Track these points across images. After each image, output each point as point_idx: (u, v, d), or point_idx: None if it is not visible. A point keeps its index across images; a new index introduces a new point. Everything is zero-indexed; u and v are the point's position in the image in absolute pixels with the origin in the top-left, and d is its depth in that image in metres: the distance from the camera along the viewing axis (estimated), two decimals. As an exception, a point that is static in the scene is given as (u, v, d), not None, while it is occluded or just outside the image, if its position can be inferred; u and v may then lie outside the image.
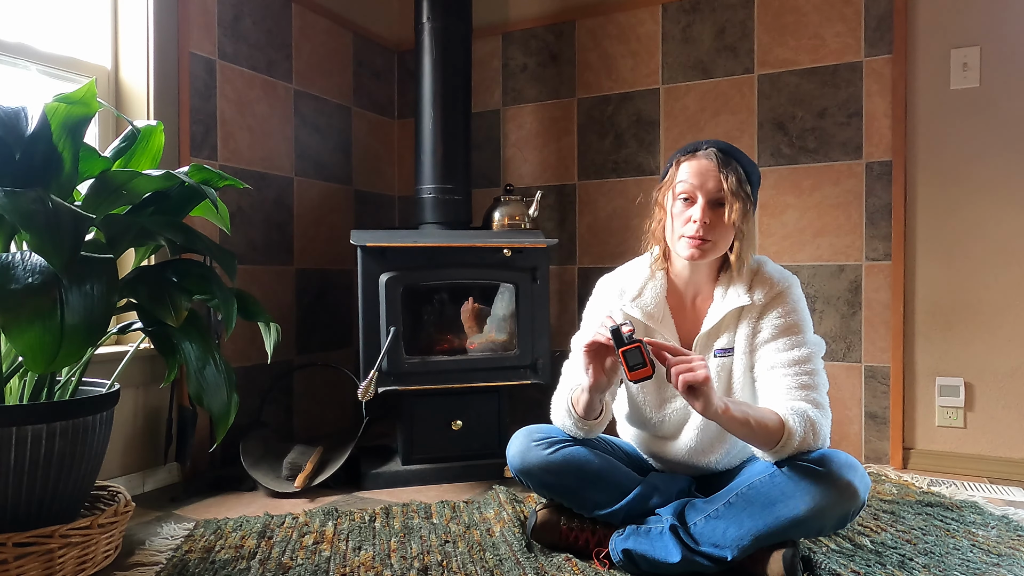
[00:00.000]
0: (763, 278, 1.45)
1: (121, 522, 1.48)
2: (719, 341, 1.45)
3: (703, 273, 1.49)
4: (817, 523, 1.30)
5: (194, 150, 2.14)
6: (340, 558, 1.49)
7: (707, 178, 1.40)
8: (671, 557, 1.34)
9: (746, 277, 1.45)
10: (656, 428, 1.53)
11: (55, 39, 1.91)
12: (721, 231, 1.41)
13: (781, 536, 1.31)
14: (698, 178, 1.40)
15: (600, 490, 1.46)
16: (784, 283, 1.44)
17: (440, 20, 2.33)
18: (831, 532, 1.36)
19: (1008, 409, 2.11)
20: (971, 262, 2.15)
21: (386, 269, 2.06)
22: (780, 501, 1.30)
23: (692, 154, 1.44)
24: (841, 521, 1.32)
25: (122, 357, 1.62)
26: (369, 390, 1.95)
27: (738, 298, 1.43)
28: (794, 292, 1.44)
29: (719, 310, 1.44)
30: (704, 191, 1.40)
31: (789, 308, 1.41)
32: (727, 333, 1.45)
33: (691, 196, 1.41)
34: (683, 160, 1.45)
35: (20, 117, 1.30)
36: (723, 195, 1.39)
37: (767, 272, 1.46)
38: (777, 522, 1.29)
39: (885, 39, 2.23)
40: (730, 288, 1.45)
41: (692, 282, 1.50)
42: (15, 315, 1.13)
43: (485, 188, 2.84)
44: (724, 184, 1.38)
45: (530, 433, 1.53)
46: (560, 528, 1.50)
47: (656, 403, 1.51)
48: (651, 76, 2.59)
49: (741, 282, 1.44)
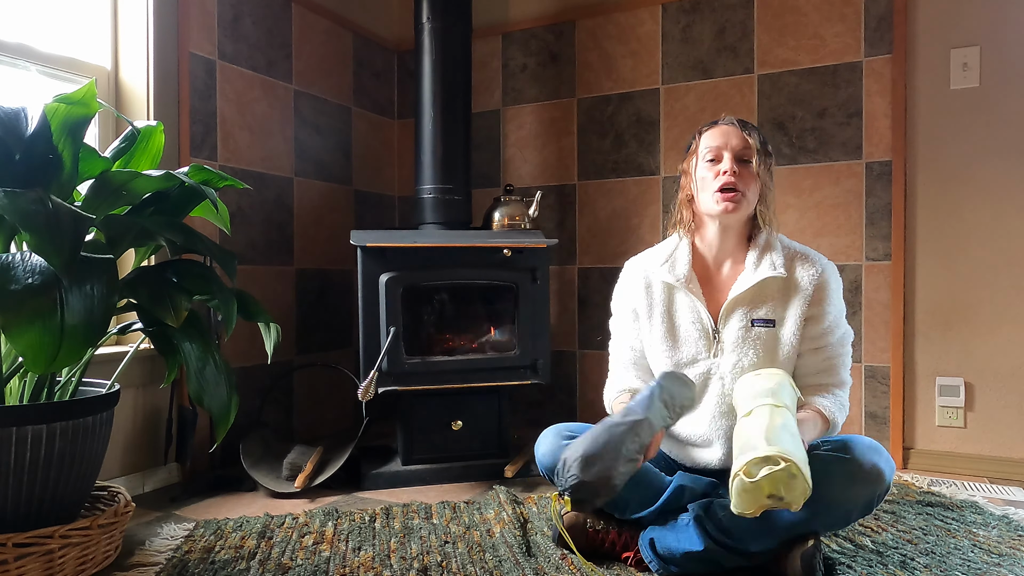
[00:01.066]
0: (805, 258, 1.49)
1: (121, 522, 1.48)
2: (759, 311, 1.47)
3: (733, 239, 1.52)
4: (844, 509, 1.31)
5: (194, 150, 2.14)
6: (340, 558, 1.49)
7: (731, 136, 1.48)
8: (695, 546, 1.35)
9: (779, 250, 1.49)
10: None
11: (55, 39, 1.91)
12: (750, 183, 1.47)
13: (807, 527, 1.31)
14: (722, 138, 1.49)
15: (631, 490, 1.45)
16: (829, 267, 1.49)
17: (440, 20, 2.33)
18: (858, 518, 1.36)
19: (1008, 409, 2.11)
20: (971, 262, 2.15)
21: (386, 269, 2.06)
22: None
23: (713, 125, 1.53)
24: (868, 506, 1.33)
25: (122, 357, 1.62)
26: (369, 390, 1.95)
27: (772, 269, 1.46)
28: (838, 279, 1.50)
29: (750, 278, 1.47)
30: (730, 148, 1.47)
31: (836, 298, 1.48)
32: (768, 304, 1.47)
33: (717, 156, 1.48)
34: (705, 130, 1.53)
35: (20, 117, 1.30)
36: (749, 151, 1.46)
37: (809, 254, 1.50)
38: (804, 510, 1.28)
39: (885, 39, 2.24)
40: (764, 257, 1.48)
41: (723, 249, 1.53)
42: (15, 315, 1.13)
43: (485, 188, 2.84)
44: (749, 139, 1.47)
45: (559, 432, 1.53)
46: (586, 530, 1.50)
47: (678, 366, 1.51)
48: (651, 76, 2.59)
49: (776, 253, 1.48)
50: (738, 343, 1.46)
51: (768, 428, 1.24)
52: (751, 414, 1.30)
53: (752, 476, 1.18)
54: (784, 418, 1.27)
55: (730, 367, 1.47)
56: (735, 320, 1.48)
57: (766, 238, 1.51)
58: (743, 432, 1.28)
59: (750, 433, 1.25)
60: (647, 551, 1.41)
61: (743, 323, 1.47)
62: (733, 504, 1.21)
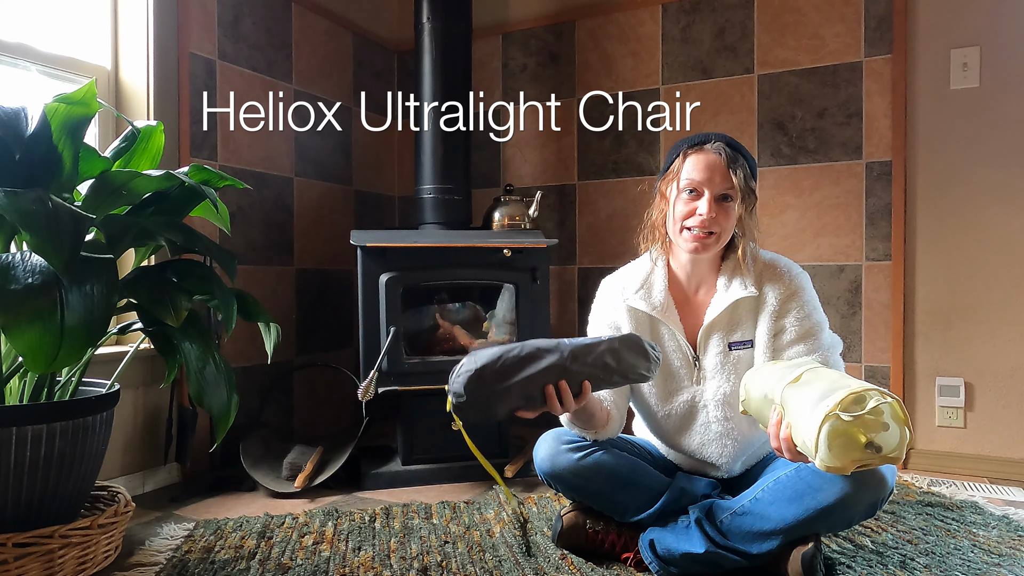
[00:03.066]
0: (773, 272, 1.44)
1: (121, 522, 1.48)
2: (734, 334, 1.44)
3: (705, 264, 1.49)
4: (847, 513, 1.29)
5: (194, 150, 2.14)
6: (340, 558, 1.49)
7: (715, 173, 1.40)
8: (695, 548, 1.34)
9: (751, 269, 1.45)
10: (663, 422, 1.52)
11: (55, 39, 1.91)
12: (726, 225, 1.42)
13: (809, 528, 1.30)
14: (705, 173, 1.40)
15: (630, 493, 1.46)
16: (798, 279, 1.43)
17: (440, 20, 2.33)
18: (860, 521, 1.34)
19: (1008, 409, 2.11)
20: (971, 262, 2.15)
21: (386, 269, 2.06)
22: (808, 493, 1.29)
23: (700, 147, 1.44)
24: (871, 509, 1.31)
25: (122, 357, 1.62)
26: (369, 390, 1.95)
27: (743, 289, 1.43)
28: (808, 289, 1.44)
29: (722, 301, 1.44)
30: (711, 186, 1.40)
31: (809, 309, 1.41)
32: (744, 327, 1.44)
33: (697, 190, 1.41)
34: (690, 153, 1.44)
35: (20, 117, 1.30)
36: (731, 191, 1.40)
37: (777, 266, 1.45)
38: (806, 513, 1.28)
39: (885, 39, 2.23)
40: (734, 279, 1.45)
41: (695, 273, 1.50)
42: (15, 315, 1.13)
43: (485, 188, 2.84)
44: (733, 180, 1.39)
45: (559, 436, 1.51)
46: (586, 531, 1.50)
47: (663, 395, 1.50)
48: (651, 76, 2.59)
49: (747, 274, 1.44)
50: (718, 369, 1.44)
51: (841, 376, 1.12)
52: (800, 379, 1.17)
53: (852, 412, 1.02)
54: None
55: (712, 394, 1.44)
56: (713, 345, 1.45)
57: (736, 258, 1.46)
58: (809, 388, 1.13)
59: (822, 382, 1.12)
60: (647, 552, 1.41)
61: (720, 348, 1.44)
62: (821, 458, 1.05)
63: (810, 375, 1.17)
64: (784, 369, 1.24)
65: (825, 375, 1.15)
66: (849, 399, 1.03)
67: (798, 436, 1.11)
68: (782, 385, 1.18)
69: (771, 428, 1.19)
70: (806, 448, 1.09)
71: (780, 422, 1.17)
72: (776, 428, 1.18)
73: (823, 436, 1.03)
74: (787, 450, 1.16)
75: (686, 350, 1.47)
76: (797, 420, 1.11)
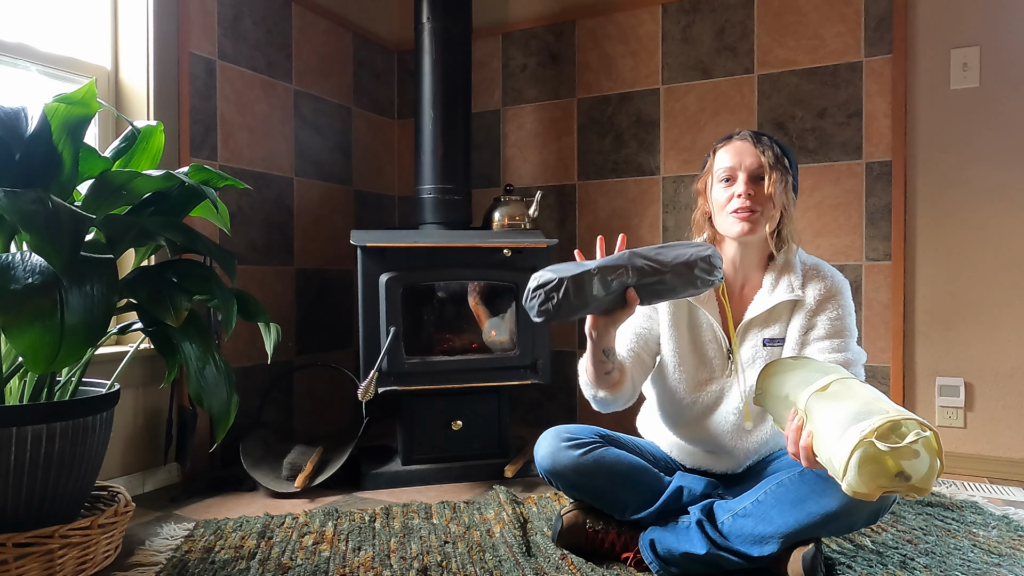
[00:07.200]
0: (816, 273, 1.47)
1: (121, 522, 1.48)
2: (768, 331, 1.46)
3: (753, 259, 1.50)
4: (849, 519, 1.29)
5: (194, 150, 2.14)
6: (340, 558, 1.49)
7: (744, 155, 1.45)
8: (696, 549, 1.34)
9: (798, 271, 1.47)
10: (686, 410, 1.51)
11: (55, 39, 1.91)
12: (764, 202, 1.43)
13: (811, 533, 1.30)
14: (736, 157, 1.46)
15: (630, 492, 1.46)
16: (839, 284, 1.46)
17: (440, 20, 2.33)
18: (862, 527, 1.34)
19: (1008, 409, 2.11)
20: (971, 262, 2.15)
21: (386, 269, 2.06)
22: (811, 498, 1.29)
23: (727, 140, 1.51)
24: (873, 516, 1.30)
25: (122, 357, 1.62)
26: (369, 390, 1.95)
27: (790, 292, 1.44)
28: (847, 294, 1.46)
29: (766, 300, 1.45)
30: (744, 167, 1.44)
31: (843, 312, 1.44)
32: (778, 324, 1.46)
33: (731, 175, 1.46)
34: (719, 147, 1.51)
35: (20, 117, 1.30)
36: (762, 168, 1.43)
37: (821, 268, 1.48)
38: (809, 518, 1.28)
39: (885, 39, 2.23)
40: (781, 279, 1.46)
41: (741, 268, 1.51)
42: (15, 315, 1.13)
43: (485, 188, 2.84)
44: (762, 158, 1.43)
45: (559, 434, 1.52)
46: (586, 531, 1.50)
47: (692, 384, 1.50)
48: (651, 76, 2.59)
49: (793, 274, 1.46)
50: (750, 363, 1.46)
51: (875, 395, 1.08)
52: (828, 389, 1.13)
53: (888, 442, 0.98)
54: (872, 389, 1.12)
55: (741, 387, 1.46)
56: (749, 341, 1.47)
57: (785, 258, 1.48)
58: (840, 403, 1.09)
59: (855, 401, 1.08)
60: (647, 552, 1.41)
61: (755, 343, 1.46)
62: (848, 482, 1.02)
63: (839, 387, 1.13)
64: (810, 372, 1.21)
65: (857, 391, 1.11)
66: (886, 427, 1.00)
67: (822, 450, 1.08)
68: (807, 391, 1.15)
69: (789, 432, 1.18)
70: (831, 465, 1.07)
71: (800, 428, 1.15)
72: (796, 434, 1.16)
73: (854, 461, 1.00)
74: (805, 457, 1.14)
75: (722, 341, 1.48)
76: (824, 434, 1.08)
